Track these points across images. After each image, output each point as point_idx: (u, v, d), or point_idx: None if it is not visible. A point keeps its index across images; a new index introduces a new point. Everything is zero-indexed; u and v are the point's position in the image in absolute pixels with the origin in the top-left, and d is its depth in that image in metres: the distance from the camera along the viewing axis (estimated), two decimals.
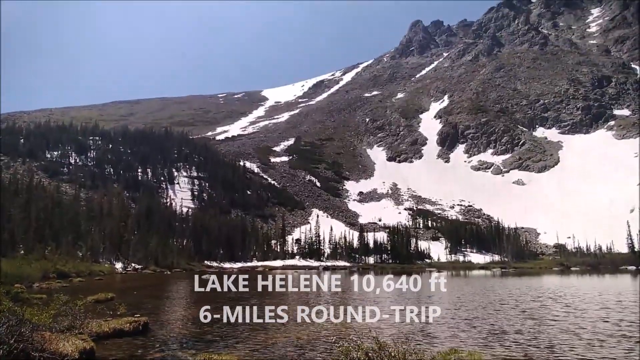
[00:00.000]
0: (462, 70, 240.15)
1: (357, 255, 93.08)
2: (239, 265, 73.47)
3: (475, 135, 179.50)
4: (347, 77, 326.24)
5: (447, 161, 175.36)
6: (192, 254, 69.40)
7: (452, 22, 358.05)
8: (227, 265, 72.11)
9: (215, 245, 78.04)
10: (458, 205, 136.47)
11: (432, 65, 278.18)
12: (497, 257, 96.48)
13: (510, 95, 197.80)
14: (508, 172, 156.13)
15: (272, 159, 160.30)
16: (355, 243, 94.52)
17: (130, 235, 61.63)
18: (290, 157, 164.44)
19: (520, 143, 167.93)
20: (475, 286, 36.30)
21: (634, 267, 74.38)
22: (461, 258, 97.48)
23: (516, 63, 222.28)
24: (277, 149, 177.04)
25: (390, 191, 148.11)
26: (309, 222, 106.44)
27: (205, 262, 69.94)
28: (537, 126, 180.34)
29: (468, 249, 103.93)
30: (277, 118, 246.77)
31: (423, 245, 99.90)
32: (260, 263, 77.25)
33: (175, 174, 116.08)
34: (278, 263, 78.28)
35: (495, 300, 23.54)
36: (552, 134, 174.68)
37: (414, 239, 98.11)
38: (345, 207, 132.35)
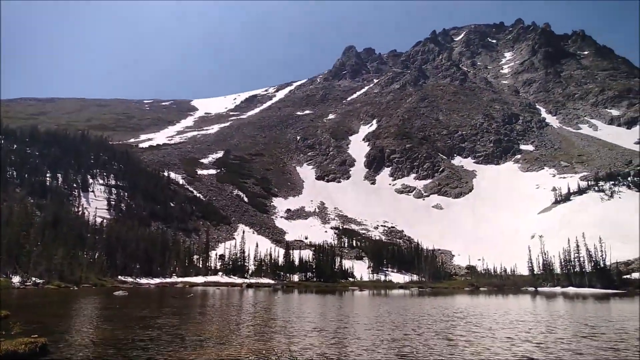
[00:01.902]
0: (391, 98, 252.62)
1: (282, 273, 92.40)
2: (157, 281, 69.54)
3: (400, 159, 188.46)
4: (281, 94, 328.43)
5: (374, 183, 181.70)
6: (104, 269, 64.41)
7: (383, 51, 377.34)
8: (143, 280, 67.90)
9: (131, 259, 73.23)
10: (382, 226, 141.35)
11: (363, 90, 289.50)
12: (415, 277, 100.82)
13: (433, 124, 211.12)
14: (428, 196, 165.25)
15: (199, 171, 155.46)
16: (281, 260, 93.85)
17: (32, 246, 55.84)
18: (218, 171, 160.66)
19: (440, 170, 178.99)
20: (393, 305, 37.51)
21: (533, 289, 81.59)
22: (382, 277, 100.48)
23: (439, 95, 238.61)
24: (204, 161, 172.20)
25: (317, 210, 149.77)
26: (234, 238, 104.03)
27: (119, 277, 65.28)
28: (455, 155, 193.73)
29: (389, 269, 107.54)
30: (207, 129, 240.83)
31: (347, 264, 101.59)
32: (180, 279, 73.73)
33: (91, 181, 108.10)
34: (200, 279, 75.25)
35: (412, 319, 24.46)
36: (468, 163, 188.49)
37: (339, 258, 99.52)
38: (272, 224, 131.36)
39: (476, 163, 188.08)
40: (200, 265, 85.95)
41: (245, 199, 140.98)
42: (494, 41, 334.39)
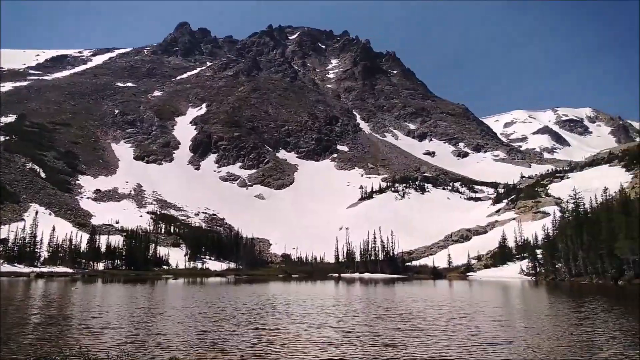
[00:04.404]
0: (223, 83, 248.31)
1: (85, 261, 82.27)
2: None
3: (227, 147, 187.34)
4: (98, 60, 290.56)
5: (198, 168, 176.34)
6: None
7: (218, 34, 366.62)
8: None
9: None
10: (203, 212, 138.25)
11: (195, 71, 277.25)
12: (233, 265, 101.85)
13: (262, 116, 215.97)
14: (252, 186, 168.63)
15: None
16: (84, 246, 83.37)
17: None
18: (8, 138, 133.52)
19: (265, 161, 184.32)
20: (207, 294, 37.27)
21: (337, 275, 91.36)
22: (200, 265, 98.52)
23: (270, 88, 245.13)
24: None
25: (133, 192, 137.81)
26: (23, 219, 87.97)
27: None
28: (280, 148, 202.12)
29: (208, 257, 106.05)
30: None
31: (163, 251, 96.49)
32: None
33: None
34: None
35: (223, 308, 24.71)
36: (291, 157, 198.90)
37: (154, 245, 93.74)
38: (76, 205, 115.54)
39: (299, 158, 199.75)
40: None
41: (43, 175, 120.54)
42: (324, 47, 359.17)
